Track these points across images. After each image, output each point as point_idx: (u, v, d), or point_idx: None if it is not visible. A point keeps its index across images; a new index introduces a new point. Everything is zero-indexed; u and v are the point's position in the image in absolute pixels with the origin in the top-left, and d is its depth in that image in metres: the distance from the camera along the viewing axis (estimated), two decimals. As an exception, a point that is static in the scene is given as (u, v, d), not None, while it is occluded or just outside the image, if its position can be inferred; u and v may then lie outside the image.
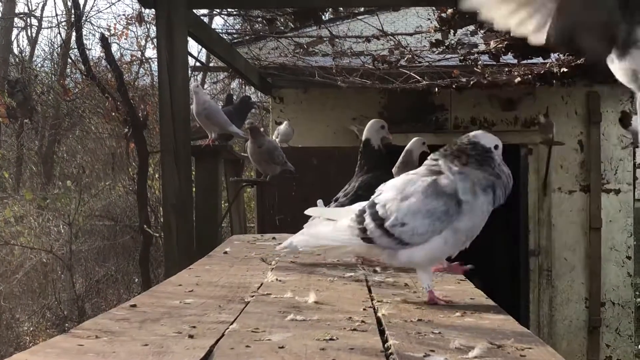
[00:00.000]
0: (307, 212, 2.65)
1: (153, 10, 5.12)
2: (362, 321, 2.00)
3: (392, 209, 2.27)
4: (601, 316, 8.39)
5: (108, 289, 10.37)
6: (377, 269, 2.98)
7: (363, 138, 3.62)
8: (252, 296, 2.38)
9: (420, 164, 2.61)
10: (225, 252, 3.61)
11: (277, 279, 2.72)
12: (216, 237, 6.35)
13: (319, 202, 4.74)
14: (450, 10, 4.89)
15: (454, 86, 7.40)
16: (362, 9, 8.25)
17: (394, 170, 3.95)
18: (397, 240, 2.27)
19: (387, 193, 2.33)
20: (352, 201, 3.22)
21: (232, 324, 1.95)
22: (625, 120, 7.28)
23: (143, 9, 9.47)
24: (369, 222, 2.30)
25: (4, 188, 11.95)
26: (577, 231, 8.48)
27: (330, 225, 2.45)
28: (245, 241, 4.17)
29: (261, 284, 2.63)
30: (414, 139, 3.93)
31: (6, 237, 9.95)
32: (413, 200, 2.26)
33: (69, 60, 12.66)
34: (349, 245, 2.40)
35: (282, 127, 7.35)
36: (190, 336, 1.80)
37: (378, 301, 2.31)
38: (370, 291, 2.52)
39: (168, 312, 2.10)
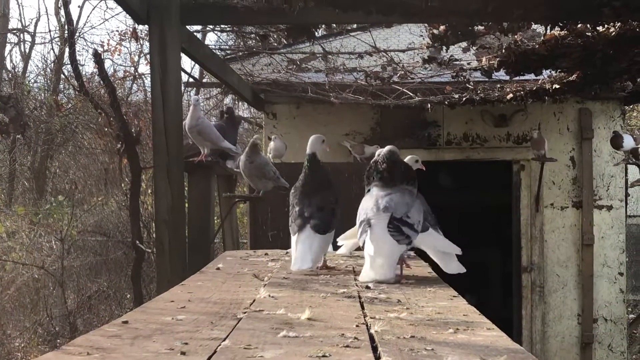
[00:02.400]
0: None
1: (146, 26, 5.13)
2: (355, 338, 1.99)
3: None
4: (593, 332, 8.39)
5: (100, 305, 10.33)
6: (370, 285, 2.98)
7: (309, 152, 3.68)
8: (245, 312, 2.37)
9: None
10: (218, 268, 3.60)
11: (269, 295, 2.71)
12: (209, 252, 6.34)
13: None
14: (442, 27, 4.91)
15: (446, 102, 7.42)
16: (354, 26, 8.28)
17: None
18: None
19: None
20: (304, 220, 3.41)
21: (224, 340, 1.95)
22: (616, 141, 7.31)
23: (137, 25, 9.50)
24: None
25: (-4, 203, 11.92)
26: (570, 247, 8.50)
27: None
28: (238, 257, 4.16)
29: (254, 300, 2.62)
30: (408, 157, 3.93)
31: (-2, 252, 9.93)
32: None
33: (62, 76, 12.66)
34: None
35: (274, 142, 7.36)
36: (182, 353, 1.79)
37: (371, 318, 2.31)
38: (363, 307, 2.51)
39: (160, 329, 2.10)
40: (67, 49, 7.80)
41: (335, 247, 4.17)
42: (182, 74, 6.01)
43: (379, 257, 3.07)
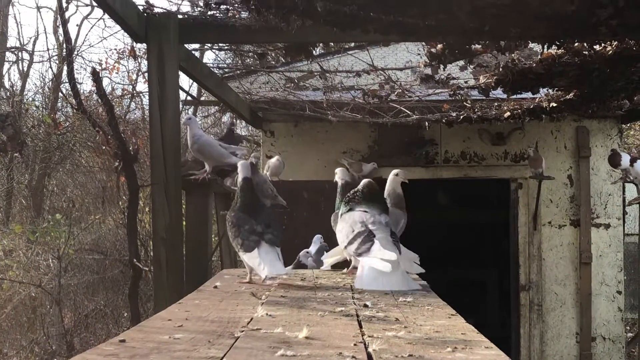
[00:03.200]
0: None
1: (144, 44, 5.14)
2: (353, 357, 1.99)
3: None
4: (592, 351, 8.37)
5: (97, 324, 10.29)
6: (368, 303, 2.97)
7: (243, 176, 3.88)
8: (242, 331, 2.37)
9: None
10: (215, 287, 3.60)
11: (267, 314, 2.71)
12: (206, 271, 6.33)
13: (317, 237, 4.87)
14: (439, 46, 4.92)
15: (444, 120, 7.43)
16: (352, 44, 8.30)
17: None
18: None
19: None
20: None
21: (221, 359, 1.94)
22: (614, 158, 7.32)
23: (135, 44, 9.51)
24: None
25: (-7, 222, 11.90)
26: (568, 265, 8.49)
27: None
28: (236, 275, 4.15)
29: (251, 319, 2.61)
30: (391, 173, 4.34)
31: (-5, 271, 9.90)
32: None
33: (60, 94, 12.67)
34: None
35: (273, 160, 7.36)
36: (180, 372, 1.78)
37: (369, 336, 2.30)
38: (360, 326, 2.51)
39: (157, 348, 2.09)
40: (65, 67, 7.81)
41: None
42: (180, 92, 6.02)
43: (398, 264, 3.47)
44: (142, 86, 15.57)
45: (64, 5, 5.20)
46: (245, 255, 3.60)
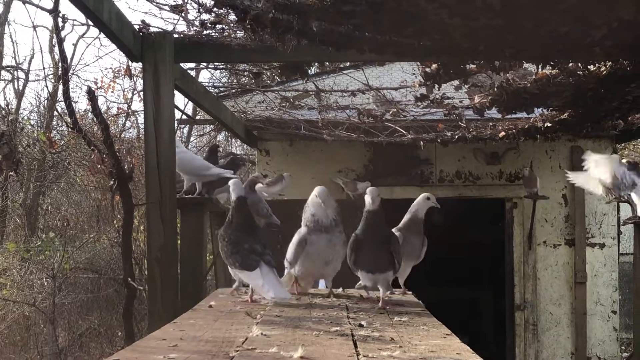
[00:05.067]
0: None
1: (140, 63, 5.15)
2: (348, 376, 1.99)
3: None
4: (587, 371, 8.36)
5: (91, 343, 10.25)
6: (363, 323, 2.97)
7: (238, 195, 3.91)
8: (237, 351, 2.36)
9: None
10: (210, 306, 3.59)
11: (262, 333, 2.70)
12: (201, 290, 6.30)
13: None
14: (434, 66, 4.93)
15: (438, 140, 7.44)
16: (347, 64, 8.32)
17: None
18: None
19: None
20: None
21: (216, 379, 1.93)
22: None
23: (130, 63, 9.53)
24: None
25: (-13, 240, 11.86)
26: (563, 285, 8.49)
27: None
28: (231, 294, 4.14)
29: (246, 338, 2.61)
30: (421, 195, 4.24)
31: (-12, 290, 9.86)
32: None
33: (56, 112, 12.68)
34: None
35: (285, 180, 7.38)
36: (174, 392, 1.78)
37: (364, 356, 2.30)
38: (356, 346, 2.50)
39: (152, 367, 2.08)
40: (60, 86, 7.82)
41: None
42: (176, 110, 6.02)
43: None
44: (137, 105, 15.54)
45: (60, 24, 5.22)
46: (245, 273, 3.60)
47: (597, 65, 4.74)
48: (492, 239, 9.47)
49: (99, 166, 8.77)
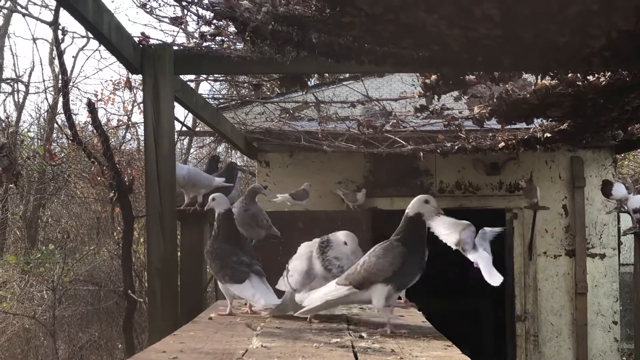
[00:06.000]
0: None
1: (140, 75, 5.15)
2: (348, 388, 1.98)
3: None
4: (589, 382, 8.34)
5: (91, 355, 10.23)
6: (364, 334, 2.96)
7: (224, 209, 3.92)
8: (237, 363, 2.36)
9: None
10: (210, 318, 3.59)
11: (262, 345, 2.70)
12: (201, 302, 6.30)
13: None
14: (434, 77, 4.94)
15: (438, 151, 7.45)
16: (347, 75, 8.34)
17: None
18: None
19: None
20: None
21: (216, 391, 1.93)
22: (606, 188, 7.33)
23: (130, 75, 9.54)
24: None
25: (-13, 253, 11.86)
26: (563, 296, 8.48)
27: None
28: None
29: (246, 350, 2.60)
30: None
31: (-12, 302, 9.85)
32: None
33: (56, 125, 12.68)
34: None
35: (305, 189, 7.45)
36: (174, 404, 1.77)
37: (364, 368, 2.29)
38: (356, 357, 2.50)
39: (152, 380, 2.08)
40: (60, 98, 7.84)
41: None
42: (175, 122, 6.02)
43: None
44: (137, 117, 15.61)
45: (60, 36, 5.24)
46: (235, 286, 3.59)
47: (596, 75, 4.74)
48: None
49: (99, 178, 8.78)
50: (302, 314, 3.37)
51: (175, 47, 5.27)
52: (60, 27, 5.15)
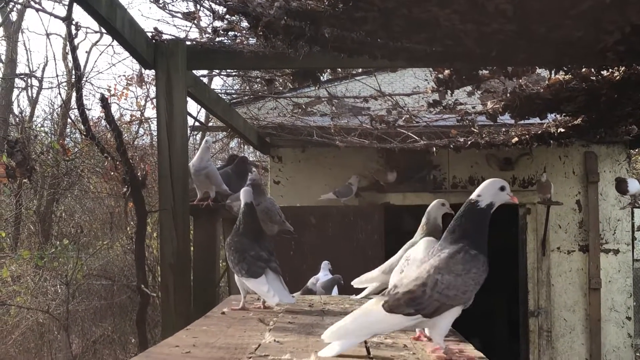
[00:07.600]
0: None
1: (153, 71, 5.16)
2: (361, 383, 1.98)
3: None
4: (602, 378, 8.32)
5: (104, 350, 10.26)
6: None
7: (246, 201, 3.89)
8: (250, 357, 2.36)
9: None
10: (223, 312, 3.59)
11: (275, 340, 2.70)
12: (214, 297, 6.31)
13: (325, 263, 4.80)
14: (447, 72, 4.93)
15: (451, 146, 7.43)
16: (359, 70, 8.33)
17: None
18: None
19: None
20: None
21: (229, 386, 1.93)
22: (621, 185, 7.30)
23: (143, 70, 9.56)
24: None
25: (1, 248, 11.90)
26: (577, 291, 8.45)
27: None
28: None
29: (259, 345, 2.60)
30: (434, 202, 3.64)
31: (2, 297, 9.88)
32: None
33: (69, 120, 12.72)
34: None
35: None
36: (187, 398, 1.78)
37: (377, 363, 2.29)
38: (369, 352, 2.49)
39: (165, 374, 2.08)
40: (74, 94, 7.84)
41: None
42: (188, 117, 6.03)
43: None
44: (150, 112, 15.62)
45: (73, 32, 5.25)
46: (250, 281, 3.60)
47: (610, 70, 4.72)
48: (505, 245, 9.44)
49: (112, 173, 8.81)
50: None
51: (188, 43, 5.28)
52: (73, 23, 5.15)
